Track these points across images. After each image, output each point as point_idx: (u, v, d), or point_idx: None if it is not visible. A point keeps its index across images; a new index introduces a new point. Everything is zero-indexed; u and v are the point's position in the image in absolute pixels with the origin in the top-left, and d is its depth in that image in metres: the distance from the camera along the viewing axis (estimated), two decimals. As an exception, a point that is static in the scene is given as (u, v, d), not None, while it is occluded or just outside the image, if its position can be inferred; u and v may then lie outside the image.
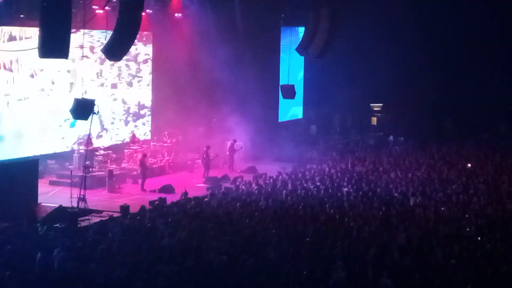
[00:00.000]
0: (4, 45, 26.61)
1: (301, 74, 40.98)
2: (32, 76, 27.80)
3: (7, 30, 26.75)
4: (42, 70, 28.12)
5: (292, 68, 35.76)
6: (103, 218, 21.89)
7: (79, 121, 27.18)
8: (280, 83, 35.09)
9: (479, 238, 18.57)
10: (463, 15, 38.98)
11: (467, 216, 21.12)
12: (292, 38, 37.59)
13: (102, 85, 31.31)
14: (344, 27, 35.89)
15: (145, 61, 33.84)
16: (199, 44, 34.51)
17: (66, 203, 23.35)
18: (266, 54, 36.97)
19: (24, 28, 27.06)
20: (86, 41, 29.46)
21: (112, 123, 32.14)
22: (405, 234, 18.57)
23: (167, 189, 27.24)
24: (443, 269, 15.83)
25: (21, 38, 27.17)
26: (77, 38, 26.98)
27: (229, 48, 34.69)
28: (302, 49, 33.17)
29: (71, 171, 26.22)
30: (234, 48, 35.08)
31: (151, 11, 32.11)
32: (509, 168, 29.70)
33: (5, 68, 26.68)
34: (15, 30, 27.02)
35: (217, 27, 34.67)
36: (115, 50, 21.61)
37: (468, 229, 19.52)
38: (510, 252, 17.18)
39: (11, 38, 26.99)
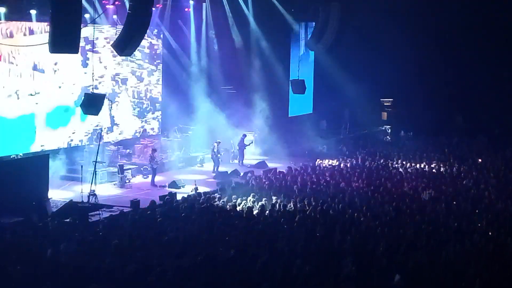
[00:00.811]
0: (24, 39, 26.61)
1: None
2: (43, 70, 27.81)
3: (25, 25, 26.76)
4: (54, 64, 28.12)
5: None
6: (114, 213, 21.95)
7: (89, 116, 27.28)
8: (290, 78, 35.05)
9: (490, 233, 18.52)
10: (474, 9, 38.81)
11: (477, 211, 21.07)
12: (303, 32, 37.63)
13: (112, 80, 31.32)
14: (354, 22, 35.82)
15: (156, 56, 33.83)
16: (209, 39, 34.56)
17: (76, 198, 23.44)
18: (277, 48, 36.91)
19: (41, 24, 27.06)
20: (97, 36, 29.48)
21: (123, 117, 32.15)
22: (416, 229, 18.54)
23: (177, 184, 27.28)
24: (454, 264, 15.79)
25: (41, 32, 27.16)
26: (87, 33, 27.12)
27: (239, 42, 34.73)
28: (312, 43, 33.17)
29: (82, 166, 26.29)
30: (244, 43, 35.10)
31: (161, 6, 32.11)
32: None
33: (13, 62, 26.68)
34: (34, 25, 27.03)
35: (227, 22, 34.70)
36: (125, 45, 21.59)
37: (479, 224, 19.47)
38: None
39: (31, 32, 27.01)
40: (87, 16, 26.63)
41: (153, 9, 26.98)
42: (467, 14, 39.02)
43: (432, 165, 29.19)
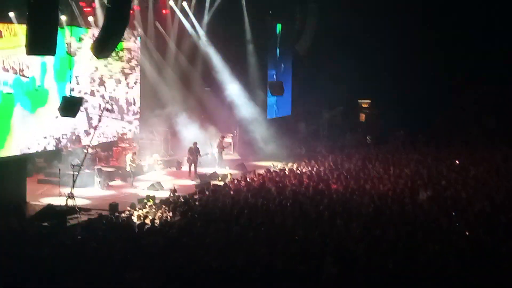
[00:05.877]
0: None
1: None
2: (19, 73, 27.64)
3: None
4: (30, 67, 27.97)
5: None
6: (92, 216, 21.83)
7: (67, 119, 27.13)
8: (268, 80, 35.11)
9: (467, 233, 18.62)
10: (449, 10, 39.08)
11: (455, 211, 21.16)
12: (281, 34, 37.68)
13: (90, 82, 31.19)
14: (331, 23, 35.95)
15: (133, 58, 33.72)
16: (186, 41, 34.53)
17: (54, 202, 23.30)
18: (254, 50, 36.94)
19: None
20: (74, 38, 29.37)
21: (100, 120, 31.97)
22: (394, 230, 18.58)
23: (156, 186, 27.19)
24: (433, 264, 15.85)
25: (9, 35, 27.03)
26: (64, 35, 27.00)
27: (216, 45, 34.70)
28: (290, 45, 33.28)
29: (60, 169, 26.13)
30: (221, 45, 35.08)
31: (139, 8, 32.04)
32: (497, 163, 29.81)
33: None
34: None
35: (205, 24, 34.69)
36: (103, 47, 21.54)
37: (457, 224, 19.56)
38: (498, 246, 17.23)
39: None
40: (64, 18, 26.52)
41: (131, 11, 26.93)
42: (444, 14, 39.27)
43: (411, 166, 29.26)
